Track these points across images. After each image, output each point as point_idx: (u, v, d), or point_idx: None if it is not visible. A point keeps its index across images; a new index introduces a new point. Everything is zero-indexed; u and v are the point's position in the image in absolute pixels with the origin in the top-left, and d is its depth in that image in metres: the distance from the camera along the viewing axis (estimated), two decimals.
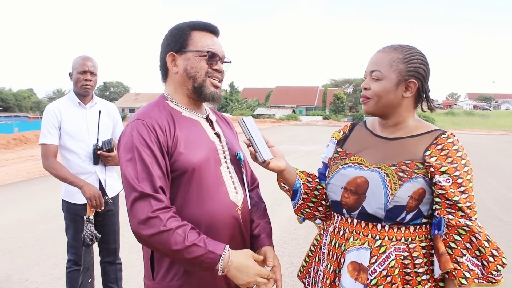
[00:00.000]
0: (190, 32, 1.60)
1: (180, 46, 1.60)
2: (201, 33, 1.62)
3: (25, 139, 16.84)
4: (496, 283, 1.37)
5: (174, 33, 1.62)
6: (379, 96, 1.50)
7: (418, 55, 1.50)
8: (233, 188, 1.63)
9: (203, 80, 1.60)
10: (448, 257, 1.36)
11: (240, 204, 1.63)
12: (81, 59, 2.89)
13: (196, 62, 1.59)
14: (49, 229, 5.60)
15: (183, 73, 1.60)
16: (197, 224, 1.50)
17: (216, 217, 1.54)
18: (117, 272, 3.16)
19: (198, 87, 1.60)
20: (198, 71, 1.59)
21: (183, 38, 1.60)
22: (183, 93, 1.63)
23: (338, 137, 1.73)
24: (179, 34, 1.60)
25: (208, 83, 1.61)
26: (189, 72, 1.59)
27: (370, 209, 1.44)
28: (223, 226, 1.56)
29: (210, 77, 1.61)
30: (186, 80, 1.61)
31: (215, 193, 1.56)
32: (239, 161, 1.73)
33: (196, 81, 1.60)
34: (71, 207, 2.90)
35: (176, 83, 1.63)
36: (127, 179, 1.44)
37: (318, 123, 43.40)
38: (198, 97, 1.63)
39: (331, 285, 1.52)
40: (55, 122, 2.82)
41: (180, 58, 1.60)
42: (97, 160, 2.88)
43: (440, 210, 1.40)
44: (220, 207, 1.56)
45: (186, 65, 1.59)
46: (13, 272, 4.26)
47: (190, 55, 1.59)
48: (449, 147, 1.42)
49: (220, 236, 1.53)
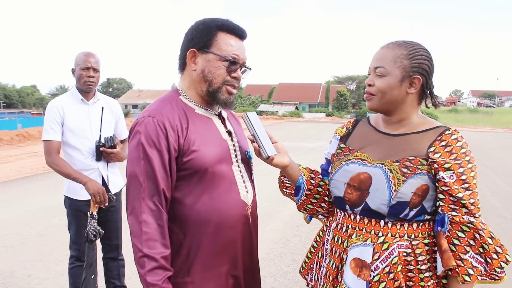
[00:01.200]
0: (217, 32, 1.55)
1: (203, 45, 1.55)
2: (228, 35, 1.57)
3: (28, 136, 16.89)
4: (499, 280, 1.36)
5: (201, 29, 1.57)
6: (383, 92, 1.49)
7: (423, 51, 1.49)
8: (244, 187, 1.63)
9: (219, 87, 1.57)
10: (450, 254, 1.35)
11: (250, 203, 1.63)
12: (83, 55, 2.88)
13: (216, 67, 1.55)
14: (52, 225, 5.62)
15: (200, 73, 1.57)
16: (208, 221, 1.51)
17: (226, 216, 1.54)
18: (119, 268, 3.16)
19: (212, 92, 1.58)
20: (215, 77, 1.56)
21: (208, 37, 1.55)
22: (196, 91, 1.61)
23: (341, 133, 1.72)
24: (205, 32, 1.56)
25: (224, 90, 1.58)
26: (206, 75, 1.56)
27: (373, 205, 1.44)
28: (232, 225, 1.56)
29: (226, 85, 1.58)
30: (201, 81, 1.58)
31: (227, 192, 1.56)
32: (249, 160, 1.72)
33: (211, 86, 1.57)
34: (73, 203, 2.90)
35: (192, 80, 1.61)
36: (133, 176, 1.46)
37: (321, 120, 43.33)
38: (210, 100, 1.61)
39: (333, 282, 1.52)
40: (57, 119, 2.82)
41: (200, 56, 1.57)
42: (99, 157, 2.88)
43: (444, 206, 1.39)
44: (231, 206, 1.56)
45: (205, 66, 1.56)
46: (16, 267, 4.28)
47: (211, 57, 1.55)
48: (453, 144, 1.41)
49: (229, 234, 1.55)
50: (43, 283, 3.92)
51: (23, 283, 3.92)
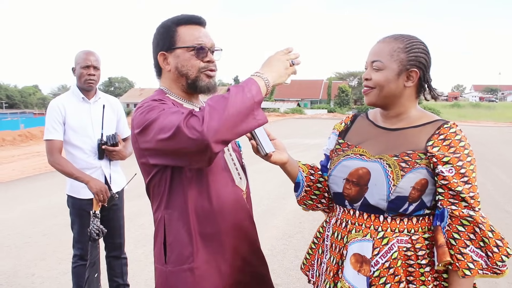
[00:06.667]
0: (176, 28, 1.61)
1: (169, 44, 1.61)
2: (187, 27, 1.61)
3: (30, 135, 16.94)
4: (501, 274, 1.35)
5: (161, 31, 1.63)
6: (381, 85, 1.49)
7: (419, 44, 1.49)
8: (237, 174, 1.68)
9: (196, 76, 1.61)
10: (446, 249, 1.35)
11: (244, 189, 1.69)
12: (83, 53, 2.88)
13: (186, 59, 1.60)
14: (55, 224, 5.64)
15: (175, 71, 1.62)
16: (206, 208, 1.54)
17: (224, 202, 1.58)
18: (122, 267, 3.17)
19: (192, 82, 1.62)
20: (189, 69, 1.60)
21: (170, 35, 1.60)
22: (178, 88, 1.66)
23: (340, 128, 1.72)
24: (166, 32, 1.62)
25: (202, 77, 1.62)
26: (181, 69, 1.61)
27: (372, 200, 1.43)
28: (230, 210, 1.60)
29: (203, 72, 1.61)
30: (179, 77, 1.63)
31: (221, 179, 1.60)
32: (239, 149, 1.79)
33: (189, 78, 1.62)
34: (76, 202, 2.91)
35: (170, 80, 1.66)
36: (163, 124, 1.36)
37: (323, 116, 43.34)
38: (193, 91, 1.65)
39: (334, 277, 1.52)
40: (59, 118, 2.83)
41: (170, 56, 1.62)
42: (102, 155, 2.89)
43: (443, 200, 1.39)
44: (227, 192, 1.61)
45: (176, 62, 1.61)
46: (20, 267, 4.30)
47: (179, 52, 1.60)
48: (451, 137, 1.40)
49: (228, 219, 1.59)
50: (46, 282, 3.94)
51: (27, 282, 3.93)
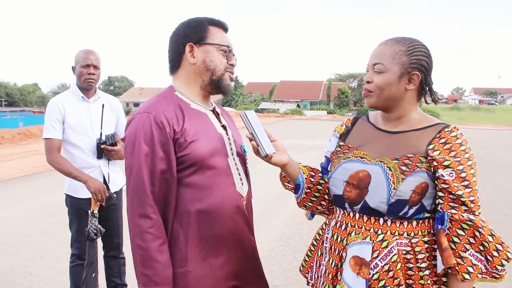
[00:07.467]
0: (208, 26, 1.66)
1: (199, 38, 1.64)
2: (217, 28, 1.67)
3: (30, 134, 16.92)
4: (500, 279, 1.35)
5: (193, 25, 1.65)
6: (382, 89, 1.49)
7: (421, 47, 1.48)
8: (239, 179, 1.67)
9: (222, 73, 1.66)
10: (451, 252, 1.34)
11: (245, 195, 1.68)
12: (83, 52, 2.87)
13: (216, 56, 1.64)
14: (53, 223, 5.63)
15: (201, 65, 1.64)
16: (204, 212, 1.55)
17: (223, 207, 1.59)
18: (120, 266, 3.16)
19: (216, 80, 1.66)
20: (217, 65, 1.65)
21: (202, 30, 1.64)
22: (196, 84, 1.67)
23: (341, 131, 1.71)
24: (198, 26, 1.65)
25: (227, 76, 1.68)
26: (208, 64, 1.64)
27: (372, 203, 1.43)
28: (228, 215, 1.60)
29: (228, 71, 1.67)
30: (203, 72, 1.65)
31: (223, 184, 1.60)
32: (244, 154, 1.77)
33: (214, 74, 1.65)
34: (75, 202, 2.90)
35: (191, 74, 1.66)
36: (128, 169, 1.53)
37: (323, 117, 43.36)
38: (213, 89, 1.69)
39: (333, 280, 1.51)
40: (58, 116, 2.82)
41: (199, 49, 1.64)
42: (100, 154, 2.88)
43: (443, 204, 1.39)
44: (227, 197, 1.61)
45: (205, 57, 1.64)
46: (17, 266, 4.29)
47: (210, 48, 1.64)
48: (452, 141, 1.40)
49: (225, 225, 1.59)
50: (44, 281, 3.93)
51: (24, 281, 3.92)
